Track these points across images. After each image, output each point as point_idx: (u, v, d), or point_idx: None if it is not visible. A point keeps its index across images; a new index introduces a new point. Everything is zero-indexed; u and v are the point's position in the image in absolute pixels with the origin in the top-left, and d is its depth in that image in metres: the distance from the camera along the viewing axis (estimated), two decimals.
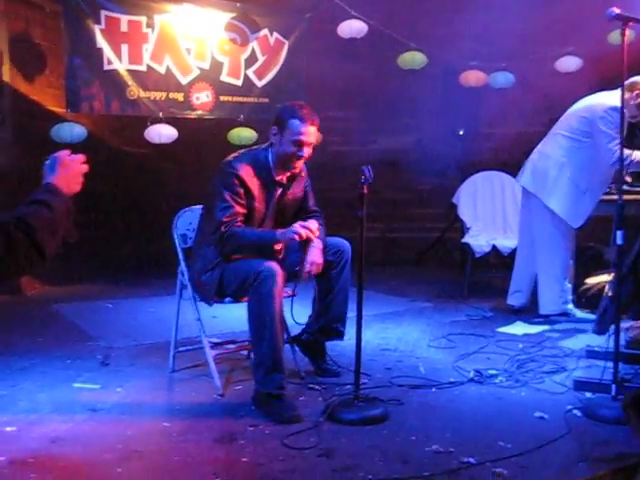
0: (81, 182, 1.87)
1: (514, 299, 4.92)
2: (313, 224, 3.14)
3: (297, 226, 3.10)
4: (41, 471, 2.38)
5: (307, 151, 3.22)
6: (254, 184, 3.22)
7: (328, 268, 3.31)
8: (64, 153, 1.85)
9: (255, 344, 3.05)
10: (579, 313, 4.65)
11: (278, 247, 3.17)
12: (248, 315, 3.03)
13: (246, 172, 3.19)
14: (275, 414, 2.91)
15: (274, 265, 3.00)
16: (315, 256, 3.18)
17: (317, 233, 3.14)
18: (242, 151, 3.34)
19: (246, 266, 3.07)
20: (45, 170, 1.82)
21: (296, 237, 3.08)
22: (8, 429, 2.78)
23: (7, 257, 1.49)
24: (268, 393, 2.97)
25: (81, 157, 1.88)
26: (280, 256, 3.20)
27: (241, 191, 3.17)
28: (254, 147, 3.44)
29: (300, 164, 3.30)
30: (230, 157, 3.27)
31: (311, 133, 3.21)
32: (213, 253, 3.21)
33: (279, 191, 3.36)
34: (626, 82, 3.36)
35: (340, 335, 3.49)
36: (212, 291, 3.21)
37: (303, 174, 3.46)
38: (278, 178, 3.32)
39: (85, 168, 1.89)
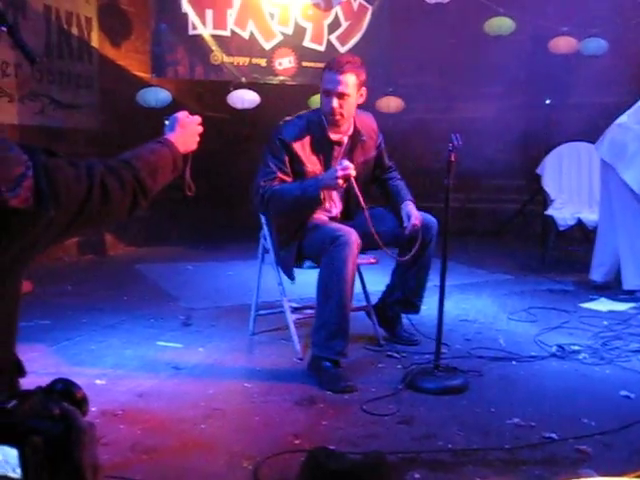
0: (197, 141, 1.95)
1: (597, 274, 4.77)
2: (347, 163, 2.95)
3: (336, 170, 2.94)
4: (129, 423, 2.47)
5: (335, 102, 3.05)
6: (304, 148, 3.12)
7: (414, 242, 3.20)
8: (183, 114, 1.93)
9: (320, 307, 2.98)
10: None
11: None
12: (318, 277, 3.00)
13: (294, 137, 3.11)
14: (327, 382, 2.86)
15: (351, 232, 2.96)
16: (413, 210, 3.19)
17: (352, 168, 2.94)
18: (297, 114, 3.24)
19: (324, 232, 3.04)
20: (165, 129, 1.92)
21: (339, 181, 2.92)
22: (98, 382, 2.89)
23: (106, 204, 1.55)
24: (327, 358, 2.93)
25: (198, 118, 1.96)
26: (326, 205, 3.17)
27: (286, 158, 3.10)
28: (311, 109, 3.35)
29: (338, 116, 3.10)
30: (282, 121, 3.19)
31: (339, 81, 3.03)
32: (283, 226, 3.21)
33: (337, 152, 3.24)
34: None
35: (416, 309, 3.45)
36: (292, 266, 3.20)
37: (373, 131, 3.35)
38: (335, 138, 3.21)
39: (201, 129, 1.97)
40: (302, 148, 3.13)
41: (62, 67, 5.72)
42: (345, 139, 3.26)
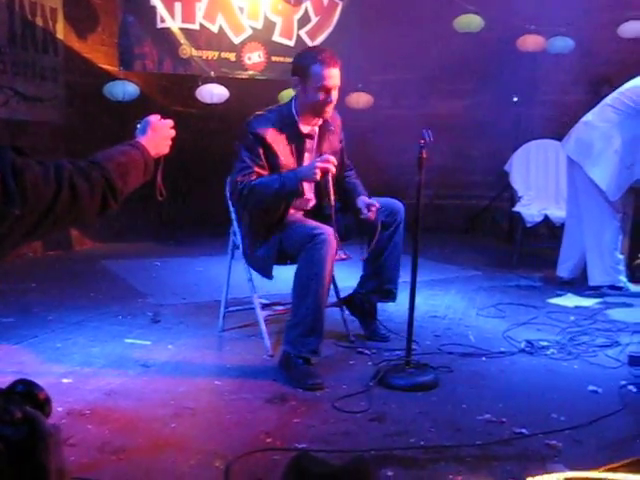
0: (169, 145, 1.96)
1: (564, 270, 4.84)
2: (329, 156, 3.01)
3: (316, 162, 2.98)
4: (97, 423, 2.43)
5: (334, 95, 3.10)
6: (277, 141, 3.12)
7: (381, 228, 3.24)
8: (155, 117, 1.94)
9: (296, 304, 2.98)
10: (632, 287, 4.56)
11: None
12: (295, 275, 2.99)
13: (266, 130, 3.10)
14: (297, 379, 2.86)
15: (329, 230, 2.96)
16: (368, 200, 3.21)
17: (334, 163, 2.99)
18: (267, 108, 3.24)
19: (301, 231, 3.03)
20: (137, 133, 1.92)
21: (317, 172, 2.94)
22: (65, 380, 2.84)
23: (75, 204, 1.54)
24: (299, 355, 2.92)
25: (170, 122, 1.97)
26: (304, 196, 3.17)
27: (260, 151, 3.08)
28: (280, 103, 3.36)
29: (330, 109, 3.16)
30: (252, 116, 3.18)
31: (335, 76, 3.07)
32: (260, 224, 3.18)
33: (309, 144, 3.25)
34: None
35: (392, 296, 3.46)
36: (271, 264, 3.17)
37: (337, 125, 3.36)
38: (306, 131, 3.23)
39: (173, 133, 1.98)
40: (275, 141, 3.12)
41: (26, 59, 5.59)
42: (316, 130, 3.27)
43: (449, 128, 7.20)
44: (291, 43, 6.43)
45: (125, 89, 5.74)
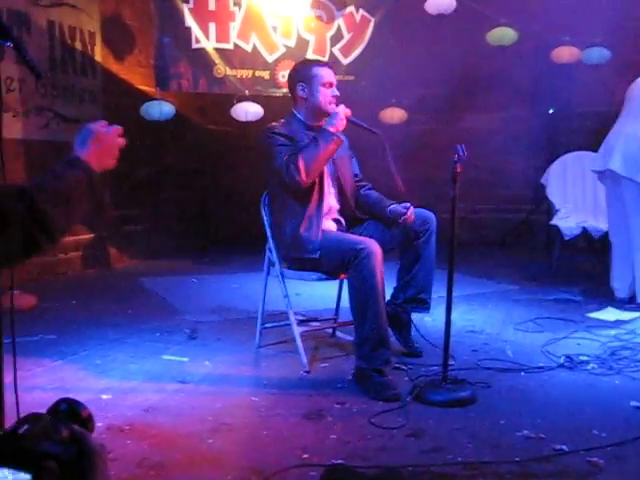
0: (116, 156, 1.64)
1: (621, 291, 4.66)
2: (340, 107, 3.26)
3: (339, 112, 3.22)
4: (136, 438, 2.46)
5: (336, 90, 3.36)
6: (294, 135, 3.31)
7: (414, 238, 3.34)
8: (98, 125, 1.62)
9: (358, 321, 3.03)
10: None
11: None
12: (350, 293, 3.04)
13: (282, 129, 3.31)
14: (375, 391, 2.91)
15: (372, 242, 3.02)
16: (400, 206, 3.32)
17: (348, 111, 3.24)
18: (272, 124, 3.42)
19: (344, 244, 3.08)
20: (75, 143, 1.60)
21: (343, 121, 3.20)
22: (104, 397, 2.88)
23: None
24: (373, 368, 2.97)
25: (117, 129, 1.66)
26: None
27: (285, 140, 3.27)
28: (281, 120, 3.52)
29: (335, 102, 3.36)
30: (262, 129, 3.40)
31: (332, 74, 3.39)
32: (299, 209, 3.26)
33: None
34: None
35: (427, 305, 3.47)
36: (317, 245, 3.19)
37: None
38: (318, 125, 3.38)
39: (122, 142, 1.66)
40: (292, 135, 3.31)
41: (66, 82, 5.73)
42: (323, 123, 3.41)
43: (485, 142, 7.15)
44: (324, 60, 6.47)
45: (161, 109, 5.84)
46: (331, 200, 3.43)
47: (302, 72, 3.39)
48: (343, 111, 3.23)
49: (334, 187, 3.45)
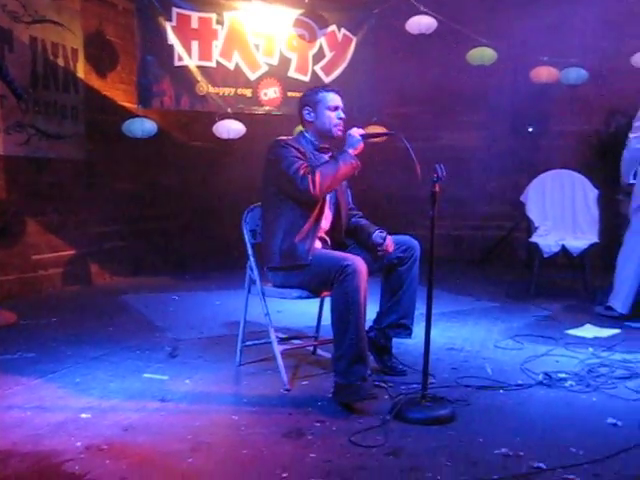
0: None
1: (624, 307, 4.73)
2: (353, 130, 3.31)
3: (353, 134, 3.28)
4: (115, 458, 2.44)
5: (342, 113, 3.42)
6: (304, 153, 3.33)
7: (397, 264, 3.36)
8: None
9: (338, 337, 3.04)
10: None
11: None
12: (332, 309, 3.05)
13: (293, 144, 3.33)
14: (349, 396, 2.97)
15: (358, 260, 3.04)
16: (383, 234, 3.36)
17: (361, 130, 3.32)
18: (289, 137, 3.47)
19: (330, 261, 3.10)
20: None
21: (360, 144, 3.27)
22: (83, 415, 2.86)
23: None
24: (350, 385, 2.98)
25: None
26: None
27: (298, 153, 3.28)
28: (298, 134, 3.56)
29: (341, 125, 3.41)
30: (272, 141, 3.40)
31: (339, 98, 3.43)
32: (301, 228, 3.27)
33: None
34: None
35: (408, 331, 3.49)
36: (308, 250, 3.22)
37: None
38: (325, 147, 3.46)
39: None
40: (302, 151, 3.32)
41: (48, 98, 5.72)
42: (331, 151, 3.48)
43: (465, 160, 7.26)
44: (306, 78, 6.53)
45: (143, 126, 5.85)
46: (324, 222, 3.45)
47: (309, 97, 3.46)
48: (357, 132, 3.29)
49: (331, 211, 3.48)
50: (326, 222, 3.47)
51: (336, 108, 3.41)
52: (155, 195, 6.88)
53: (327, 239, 3.51)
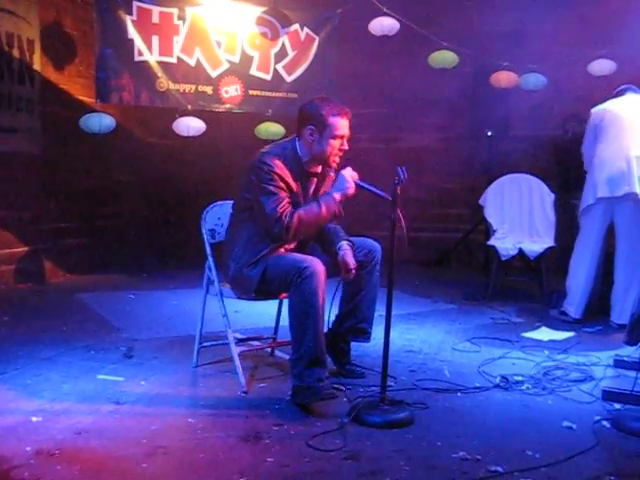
0: None
1: (577, 310, 4.80)
2: (348, 168, 3.17)
3: (345, 176, 3.13)
4: (66, 463, 2.38)
5: (346, 144, 3.24)
6: (288, 177, 3.17)
7: (358, 268, 3.29)
8: None
9: (296, 340, 3.01)
10: None
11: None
12: (290, 311, 3.02)
13: (279, 166, 3.14)
14: (309, 397, 2.95)
15: (316, 262, 3.00)
16: (350, 258, 3.22)
17: (355, 174, 3.16)
18: (270, 146, 3.30)
19: (288, 263, 3.06)
20: None
21: (352, 189, 3.12)
22: (34, 419, 2.78)
23: None
24: (307, 387, 2.96)
25: None
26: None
27: (280, 183, 3.13)
28: (280, 141, 3.40)
29: (339, 158, 3.26)
30: (259, 154, 3.20)
31: (348, 126, 3.24)
32: (258, 246, 3.18)
33: (314, 183, 3.34)
34: None
35: (367, 335, 3.46)
36: (254, 285, 3.17)
37: (332, 173, 3.40)
38: (311, 170, 3.30)
39: None
40: (284, 175, 3.15)
41: (2, 89, 5.56)
42: (319, 169, 3.34)
43: (424, 162, 7.31)
44: (268, 77, 6.49)
45: (101, 121, 5.73)
46: None
47: (317, 115, 3.16)
48: (350, 175, 3.13)
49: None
50: None
51: (342, 137, 3.19)
52: (112, 192, 6.76)
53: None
